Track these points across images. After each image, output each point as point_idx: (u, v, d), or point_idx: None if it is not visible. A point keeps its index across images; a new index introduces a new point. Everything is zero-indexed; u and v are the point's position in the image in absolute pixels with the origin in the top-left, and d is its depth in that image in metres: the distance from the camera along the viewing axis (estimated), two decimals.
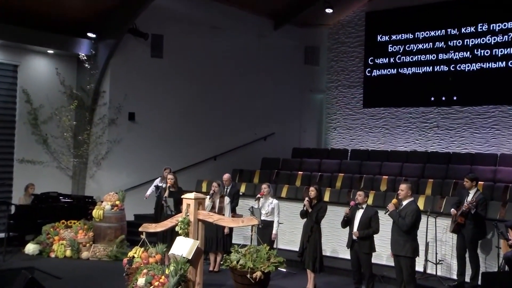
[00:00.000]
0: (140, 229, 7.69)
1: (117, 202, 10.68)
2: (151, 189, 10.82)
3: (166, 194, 9.50)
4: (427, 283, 8.79)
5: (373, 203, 10.37)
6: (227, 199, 9.38)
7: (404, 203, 7.48)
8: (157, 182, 10.79)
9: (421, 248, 8.33)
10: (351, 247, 8.09)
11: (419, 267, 8.89)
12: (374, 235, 8.04)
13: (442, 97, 13.90)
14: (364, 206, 8.09)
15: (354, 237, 7.99)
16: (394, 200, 7.67)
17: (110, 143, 12.88)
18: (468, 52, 13.51)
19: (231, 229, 9.43)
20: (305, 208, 8.36)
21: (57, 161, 12.82)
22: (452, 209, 8.56)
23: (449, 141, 13.76)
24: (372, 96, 15.17)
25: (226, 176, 10.35)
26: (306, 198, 8.39)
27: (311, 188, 8.43)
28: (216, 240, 9.33)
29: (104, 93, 12.89)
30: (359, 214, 8.05)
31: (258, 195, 9.25)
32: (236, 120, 14.82)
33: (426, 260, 9.18)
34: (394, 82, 14.67)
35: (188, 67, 13.93)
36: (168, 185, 9.63)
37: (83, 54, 12.67)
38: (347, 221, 8.16)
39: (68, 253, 10.43)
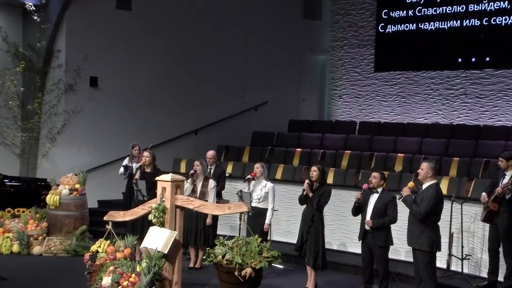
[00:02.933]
0: (105, 218, 7.69)
1: (77, 186, 10.66)
2: (122, 169, 10.81)
3: (137, 175, 9.47)
4: (450, 282, 8.84)
5: (385, 186, 10.38)
6: (212, 183, 9.35)
7: (424, 186, 7.50)
8: (126, 162, 10.83)
9: (444, 240, 8.38)
10: (363, 239, 8.13)
11: (441, 263, 8.98)
12: (391, 225, 8.06)
13: (471, 58, 13.89)
14: (379, 190, 8.11)
15: (367, 227, 8.02)
16: (411, 183, 7.70)
17: (67, 114, 12.85)
18: (506, 2, 13.43)
19: (216, 217, 9.44)
20: (304, 193, 8.38)
21: (1, 136, 12.75)
22: (483, 194, 8.58)
23: (479, 111, 13.81)
24: (386, 58, 15.17)
25: (210, 153, 10.33)
26: (306, 181, 8.41)
27: (313, 168, 8.44)
28: (197, 231, 9.34)
29: (58, 52, 12.83)
30: (373, 199, 8.08)
31: (249, 176, 9.25)
32: (221, 87, 14.76)
33: (450, 255, 9.23)
34: (413, 40, 14.64)
35: (162, 22, 13.83)
36: (140, 164, 9.61)
37: (30, 4, 12.54)
38: (359, 208, 8.19)
39: (16, 248, 10.40)
